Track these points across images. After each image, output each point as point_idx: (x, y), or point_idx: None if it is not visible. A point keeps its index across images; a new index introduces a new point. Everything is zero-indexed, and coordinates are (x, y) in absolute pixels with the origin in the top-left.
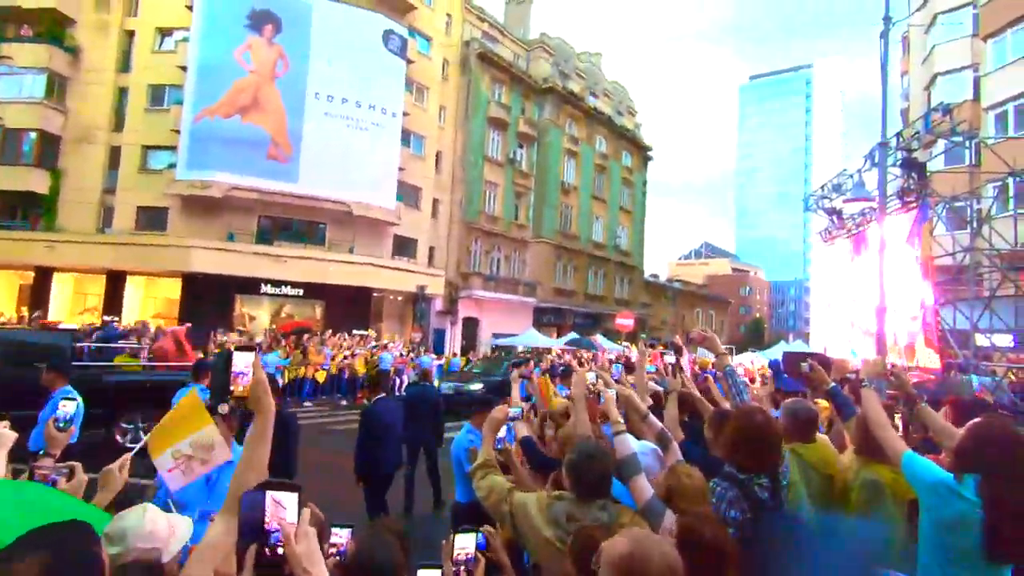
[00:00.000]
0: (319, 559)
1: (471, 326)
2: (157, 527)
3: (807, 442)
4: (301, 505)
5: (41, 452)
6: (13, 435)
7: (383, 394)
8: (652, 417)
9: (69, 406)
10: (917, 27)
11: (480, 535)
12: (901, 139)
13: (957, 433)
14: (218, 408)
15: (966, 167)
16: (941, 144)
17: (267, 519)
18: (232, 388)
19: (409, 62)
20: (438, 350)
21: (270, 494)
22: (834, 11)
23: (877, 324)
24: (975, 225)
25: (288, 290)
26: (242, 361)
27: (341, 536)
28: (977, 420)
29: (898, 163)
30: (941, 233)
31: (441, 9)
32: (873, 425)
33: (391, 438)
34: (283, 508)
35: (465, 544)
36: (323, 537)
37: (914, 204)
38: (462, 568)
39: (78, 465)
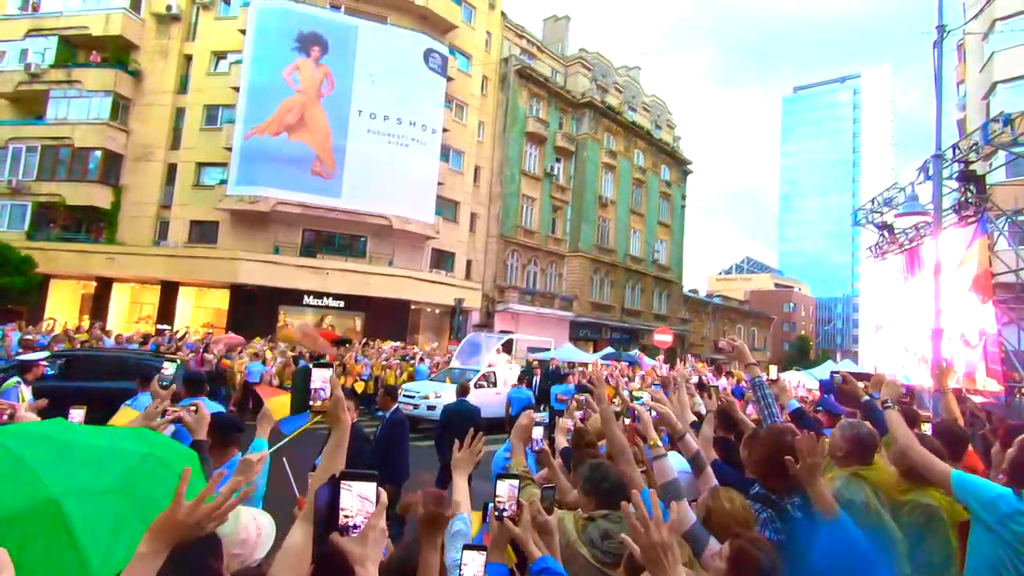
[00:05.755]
0: (375, 559)
1: (507, 340)
2: (249, 534)
3: (867, 464)
4: (378, 494)
5: (147, 408)
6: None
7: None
8: (688, 438)
9: (170, 368)
10: (974, 34)
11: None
12: (958, 150)
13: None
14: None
15: None
16: (1002, 155)
17: (351, 514)
18: (311, 403)
19: (449, 79)
20: None
21: (356, 490)
22: (883, 19)
23: (933, 348)
24: None
25: (330, 301)
26: (320, 377)
27: None
28: None
29: (954, 176)
30: (1003, 249)
31: (481, 27)
32: (906, 448)
33: None
34: (368, 502)
35: (503, 491)
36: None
37: (972, 219)
38: (503, 513)
39: (201, 403)
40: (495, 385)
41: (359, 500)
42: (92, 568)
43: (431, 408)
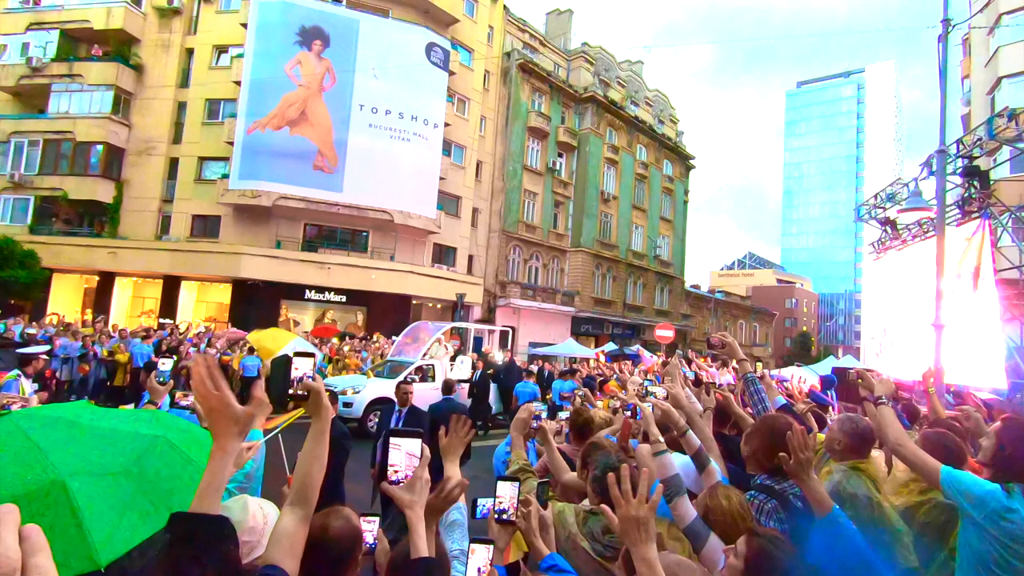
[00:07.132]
0: (421, 504)
1: (509, 335)
2: (257, 522)
3: (864, 459)
4: (423, 449)
5: (145, 402)
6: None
7: None
8: (691, 434)
9: (167, 363)
10: (979, 29)
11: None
12: (962, 146)
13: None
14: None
15: None
16: (1006, 151)
17: (399, 468)
18: (292, 391)
19: (451, 74)
20: None
21: (405, 448)
22: (887, 14)
23: (935, 343)
24: None
25: (332, 296)
26: (303, 366)
27: (372, 525)
28: (1005, 425)
29: (958, 171)
30: (1007, 245)
31: (483, 21)
32: (895, 444)
33: None
34: (415, 458)
35: (503, 492)
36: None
37: (976, 214)
38: (504, 515)
39: None
40: (433, 379)
41: (407, 456)
42: (96, 546)
43: (347, 406)
